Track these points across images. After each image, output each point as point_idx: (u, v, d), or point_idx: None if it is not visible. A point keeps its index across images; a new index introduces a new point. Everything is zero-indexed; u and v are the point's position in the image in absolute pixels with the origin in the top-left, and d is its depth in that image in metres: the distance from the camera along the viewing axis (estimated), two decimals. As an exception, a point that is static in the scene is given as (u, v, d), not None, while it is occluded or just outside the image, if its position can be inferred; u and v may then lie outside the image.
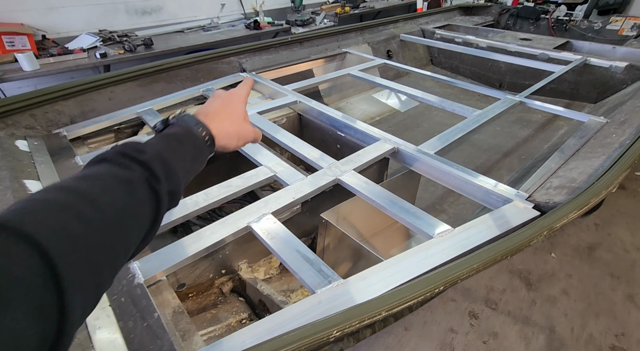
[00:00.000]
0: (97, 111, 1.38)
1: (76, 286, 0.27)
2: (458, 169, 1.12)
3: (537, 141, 1.97)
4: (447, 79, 1.99)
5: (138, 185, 0.37)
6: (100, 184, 0.35)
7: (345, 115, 1.48)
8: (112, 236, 0.33)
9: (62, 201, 0.31)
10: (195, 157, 0.47)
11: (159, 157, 0.41)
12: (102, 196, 0.33)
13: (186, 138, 0.46)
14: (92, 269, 0.30)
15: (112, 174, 0.36)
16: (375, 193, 1.00)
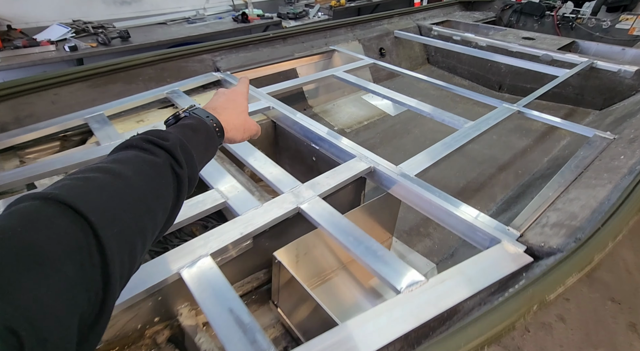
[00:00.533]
0: (36, 116, 1.22)
1: (116, 258, 0.30)
2: (439, 197, 0.97)
3: (536, 153, 1.80)
4: (441, 83, 1.82)
5: (164, 169, 0.40)
6: (132, 167, 0.37)
7: (320, 126, 1.32)
8: (143, 215, 0.35)
9: (102, 180, 0.33)
10: (207, 146, 0.49)
11: (181, 144, 0.43)
12: (135, 177, 0.36)
13: (200, 128, 0.49)
14: (129, 244, 0.32)
15: (141, 158, 0.39)
16: (340, 227, 0.85)
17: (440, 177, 1.65)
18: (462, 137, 1.26)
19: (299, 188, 0.98)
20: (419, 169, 1.08)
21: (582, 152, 1.19)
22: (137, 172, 0.37)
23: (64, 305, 0.24)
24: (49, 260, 0.24)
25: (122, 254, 0.31)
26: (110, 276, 0.28)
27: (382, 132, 2.08)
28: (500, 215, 1.28)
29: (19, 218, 0.26)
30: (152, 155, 0.40)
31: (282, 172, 1.05)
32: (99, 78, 1.39)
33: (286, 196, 0.95)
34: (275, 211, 0.89)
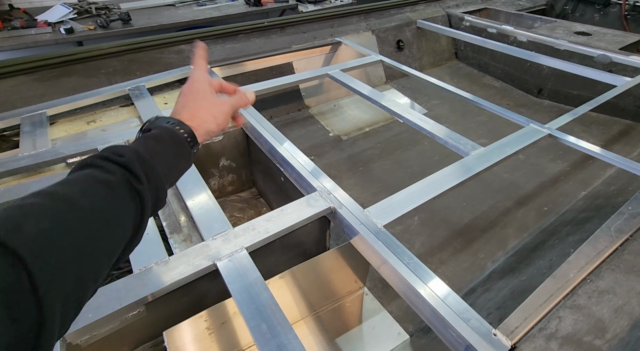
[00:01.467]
0: (-33, 115, 1.09)
1: (54, 294, 0.27)
2: (403, 262, 0.71)
3: (570, 184, 1.44)
4: (459, 92, 1.49)
5: (118, 186, 0.37)
6: (78, 187, 0.34)
7: (288, 143, 1.08)
8: (92, 240, 0.32)
9: (40, 205, 0.31)
10: (177, 154, 0.45)
11: (138, 157, 0.40)
12: (81, 198, 0.33)
13: (163, 136, 0.45)
14: (72, 276, 0.29)
15: (92, 176, 0.36)
16: (258, 303, 0.62)
17: (440, 206, 1.36)
18: (465, 171, 0.97)
19: (227, 234, 0.76)
20: (391, 217, 0.82)
21: (632, 205, 0.86)
22: (84, 193, 0.34)
23: None
24: None
25: (62, 286, 0.28)
26: (46, 320, 0.26)
27: (385, 141, 1.79)
28: (507, 275, 0.99)
29: None
30: (106, 173, 0.37)
31: (215, 208, 0.84)
32: (49, 70, 1.24)
33: (204, 246, 0.73)
34: (182, 268, 0.68)
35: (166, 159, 0.43)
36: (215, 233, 0.76)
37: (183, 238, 0.83)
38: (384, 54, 2.20)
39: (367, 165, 1.64)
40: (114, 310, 0.60)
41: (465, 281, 1.07)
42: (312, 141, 1.76)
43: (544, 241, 1.09)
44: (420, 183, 0.92)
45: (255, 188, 1.52)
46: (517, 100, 2.20)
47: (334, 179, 0.96)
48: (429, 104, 2.11)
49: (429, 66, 2.47)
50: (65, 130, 1.17)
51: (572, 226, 1.10)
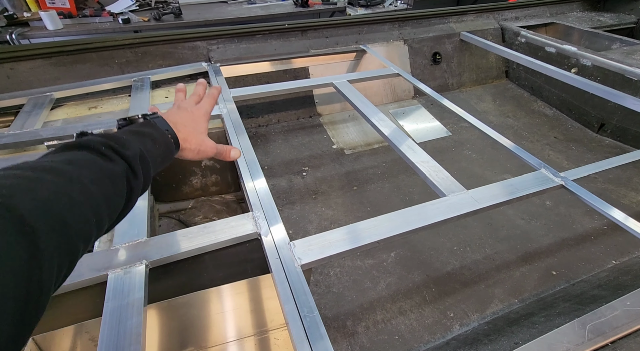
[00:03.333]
0: (-13, 90, 1.22)
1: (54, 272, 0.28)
2: (300, 316, 0.61)
3: (601, 247, 1.16)
4: (471, 120, 1.30)
5: (120, 179, 0.38)
6: (88, 173, 0.35)
7: (252, 157, 1.02)
8: (93, 225, 0.34)
9: (55, 184, 0.31)
10: (164, 159, 0.48)
11: (141, 155, 0.42)
12: (91, 185, 0.34)
13: (160, 140, 0.48)
14: (72, 253, 0.31)
15: (99, 165, 0.37)
16: (122, 329, 0.58)
17: (426, 245, 1.19)
18: (432, 215, 0.82)
19: (137, 243, 0.73)
20: (316, 256, 0.71)
21: (634, 300, 0.64)
22: (94, 180, 0.35)
23: None
24: None
25: (61, 266, 0.29)
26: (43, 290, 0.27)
27: (391, 162, 1.64)
28: (464, 348, 0.81)
29: None
30: (111, 163, 0.38)
31: (142, 212, 0.82)
32: (65, 57, 1.34)
33: (108, 252, 0.71)
34: (75, 274, 0.67)
35: (156, 162, 0.46)
36: (127, 240, 0.74)
37: (110, 238, 0.83)
38: (416, 67, 2.03)
39: (363, 185, 1.52)
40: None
41: (420, 342, 0.91)
42: (313, 151, 1.68)
43: (530, 315, 0.88)
44: (367, 222, 0.79)
45: (241, 192, 1.50)
46: (569, 133, 1.87)
47: (321, 195, 0.88)
48: (456, 127, 1.89)
49: (470, 84, 2.22)
50: (66, 113, 1.26)
51: (573, 303, 0.88)
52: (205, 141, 0.56)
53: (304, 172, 1.56)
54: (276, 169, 1.56)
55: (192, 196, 1.43)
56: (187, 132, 0.53)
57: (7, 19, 2.29)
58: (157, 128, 0.49)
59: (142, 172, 0.41)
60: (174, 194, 1.40)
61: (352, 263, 1.14)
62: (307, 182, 1.51)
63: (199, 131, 0.55)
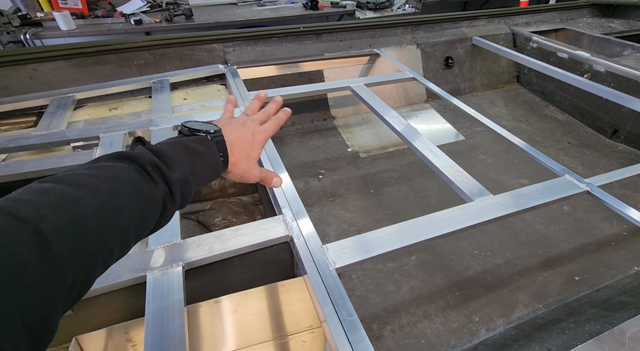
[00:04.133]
0: (10, 89, 1.23)
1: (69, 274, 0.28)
2: (339, 319, 0.61)
3: (622, 253, 1.16)
4: (490, 124, 1.31)
5: (157, 204, 0.38)
6: (127, 196, 0.34)
7: (276, 158, 1.03)
8: (117, 248, 0.34)
9: (87, 205, 0.31)
10: (207, 180, 0.47)
11: (185, 180, 0.41)
12: (126, 209, 0.34)
13: (210, 162, 0.46)
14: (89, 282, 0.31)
15: (140, 188, 0.36)
16: (165, 330, 0.58)
17: (446, 249, 1.19)
18: (461, 220, 0.82)
19: (172, 244, 0.74)
20: (349, 260, 0.72)
21: (675, 308, 0.64)
22: (130, 204, 0.34)
23: None
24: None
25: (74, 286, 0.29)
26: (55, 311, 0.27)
27: (407, 165, 1.64)
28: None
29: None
30: (153, 184, 0.37)
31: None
32: (86, 58, 1.35)
33: (144, 253, 0.71)
34: (115, 274, 0.67)
35: (200, 182, 0.45)
36: (162, 241, 0.74)
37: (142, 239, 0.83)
38: (429, 71, 2.04)
39: (379, 188, 1.52)
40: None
41: (447, 346, 0.91)
42: (328, 153, 1.69)
43: (558, 321, 0.88)
44: (399, 226, 0.80)
45: (257, 194, 1.50)
46: (582, 139, 1.88)
47: (339, 198, 0.88)
48: (470, 131, 1.90)
49: (482, 88, 2.23)
50: (88, 114, 1.26)
51: (600, 309, 0.88)
52: (252, 168, 0.52)
53: (320, 175, 1.56)
54: (292, 171, 1.56)
55: (209, 198, 1.43)
56: (240, 156, 0.50)
57: (20, 18, 2.30)
58: (213, 149, 0.46)
59: (180, 196, 0.41)
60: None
61: (374, 267, 1.14)
62: (324, 185, 1.51)
63: (252, 157, 0.52)
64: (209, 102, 1.41)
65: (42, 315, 0.26)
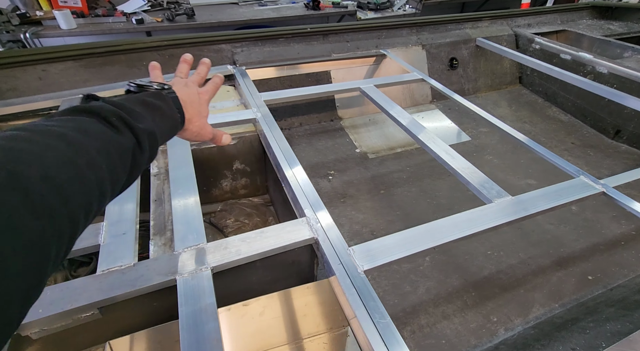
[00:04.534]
0: (19, 90, 1.20)
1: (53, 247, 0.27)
2: (373, 322, 0.61)
3: (632, 253, 1.19)
4: (501, 125, 1.32)
5: (128, 153, 0.37)
6: (98, 145, 0.34)
7: (292, 157, 1.02)
8: (95, 199, 0.33)
9: (63, 152, 0.30)
10: (168, 136, 0.48)
11: (151, 131, 0.41)
12: (101, 160, 0.33)
13: (169, 117, 0.47)
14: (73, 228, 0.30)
15: (108, 136, 0.35)
16: (200, 333, 0.58)
17: (460, 250, 1.20)
18: (479, 223, 0.83)
19: (198, 248, 0.73)
20: (376, 262, 0.72)
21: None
22: (102, 152, 0.34)
23: None
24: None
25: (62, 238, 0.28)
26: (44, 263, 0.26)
27: (415, 166, 1.65)
28: (514, 351, 0.82)
29: None
30: (119, 134, 0.36)
31: (197, 218, 0.81)
32: (95, 58, 1.33)
33: (171, 257, 0.71)
34: (142, 278, 0.66)
35: (163, 137, 0.46)
36: (188, 244, 0.73)
37: (164, 242, 0.82)
38: (434, 72, 2.05)
39: (389, 189, 1.53)
40: (64, 309, 0.60)
41: (467, 346, 0.92)
42: (337, 154, 1.69)
43: (576, 320, 0.89)
44: (421, 228, 0.80)
45: (268, 195, 1.49)
46: (585, 139, 1.90)
47: (349, 199, 0.88)
48: (475, 131, 1.92)
49: (485, 89, 2.25)
50: (98, 116, 1.25)
51: (617, 308, 0.89)
52: (205, 124, 0.56)
53: (330, 175, 1.56)
54: (302, 172, 1.56)
55: (221, 199, 1.42)
56: (193, 113, 0.52)
57: (19, 17, 2.26)
58: (170, 104, 0.48)
59: (148, 147, 0.40)
60: (203, 197, 1.39)
61: (389, 267, 1.15)
62: (335, 185, 1.51)
63: (203, 114, 0.55)
64: (220, 103, 1.41)
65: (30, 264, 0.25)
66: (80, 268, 1.03)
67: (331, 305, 0.85)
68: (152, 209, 0.91)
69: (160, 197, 0.95)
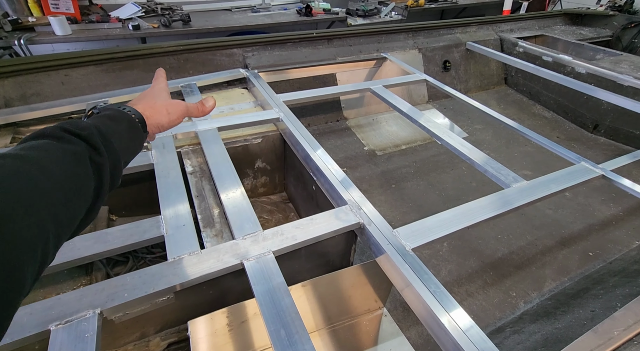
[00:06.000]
0: (43, 95, 1.20)
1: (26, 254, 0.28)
2: (430, 291, 0.68)
3: (623, 231, 1.33)
4: (505, 120, 1.44)
5: (83, 158, 0.37)
6: (48, 155, 0.34)
7: (323, 153, 1.09)
8: (60, 207, 0.33)
9: (10, 166, 0.31)
10: (131, 136, 0.47)
11: (99, 131, 0.41)
12: (54, 166, 0.34)
13: (118, 117, 0.47)
14: (43, 235, 0.30)
15: (58, 147, 0.36)
16: (279, 308, 0.63)
17: (473, 235, 1.30)
18: (504, 203, 0.92)
19: (256, 235, 0.78)
20: (420, 241, 0.79)
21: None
22: (54, 160, 0.34)
23: None
24: None
25: (34, 247, 0.28)
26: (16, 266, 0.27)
27: (421, 161, 1.75)
28: (541, 319, 0.92)
29: None
30: (70, 144, 0.37)
31: (247, 209, 0.86)
32: (115, 63, 1.35)
33: (234, 244, 0.75)
34: (211, 263, 0.70)
35: (121, 138, 0.44)
36: (246, 233, 0.78)
37: (215, 233, 0.86)
38: (429, 73, 2.18)
39: (399, 183, 1.61)
40: (147, 293, 0.63)
41: (493, 319, 1.01)
42: (347, 152, 1.77)
43: (587, 289, 1.00)
44: (455, 210, 0.89)
45: (285, 193, 1.54)
46: (568, 134, 2.08)
47: (364, 193, 0.95)
48: (470, 128, 2.05)
49: (475, 89, 2.40)
50: (121, 118, 1.26)
51: (621, 277, 1.01)
52: (169, 100, 0.56)
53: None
54: (316, 170, 1.62)
55: (241, 198, 1.46)
56: (147, 103, 0.53)
57: (11, 23, 2.21)
58: (111, 109, 0.48)
59: (105, 148, 0.40)
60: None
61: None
62: (349, 182, 1.58)
63: (161, 97, 0.55)
64: (237, 105, 1.45)
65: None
66: (117, 266, 1.04)
67: (365, 289, 0.91)
68: (196, 204, 0.94)
69: (201, 193, 0.98)
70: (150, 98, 0.55)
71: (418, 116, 1.36)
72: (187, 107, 0.58)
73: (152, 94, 0.57)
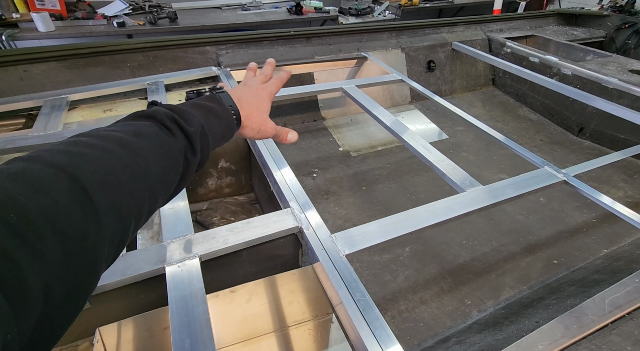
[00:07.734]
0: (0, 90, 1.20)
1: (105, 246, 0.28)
2: (354, 300, 0.66)
3: (592, 238, 1.28)
4: (475, 122, 1.40)
5: (179, 155, 0.38)
6: (151, 146, 0.35)
7: (278, 155, 1.07)
8: (146, 200, 0.34)
9: (119, 155, 0.32)
10: (224, 135, 0.48)
11: (202, 131, 0.42)
12: (152, 160, 0.35)
13: (223, 116, 0.47)
14: (125, 230, 0.31)
15: (161, 139, 0.37)
16: (191, 316, 0.61)
17: (437, 239, 1.27)
18: (453, 209, 0.89)
19: (185, 238, 0.76)
20: (357, 247, 0.77)
21: (641, 278, 0.74)
22: (155, 154, 0.35)
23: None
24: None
25: (113, 241, 0.29)
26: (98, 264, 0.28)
27: (395, 163, 1.72)
28: (487, 330, 0.89)
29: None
30: (172, 137, 0.38)
31: (184, 210, 0.84)
32: (79, 59, 1.34)
33: (160, 247, 0.74)
34: (133, 267, 0.69)
35: (217, 137, 0.46)
36: (176, 235, 0.76)
37: (151, 235, 0.84)
38: (413, 74, 2.14)
39: (371, 185, 1.59)
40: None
41: (443, 327, 0.98)
42: (320, 153, 1.74)
43: (541, 299, 0.97)
44: (400, 215, 0.86)
45: (253, 193, 1.53)
46: (553, 137, 2.03)
47: (332, 195, 0.93)
48: (452, 130, 2.01)
49: (461, 90, 2.36)
50: (82, 116, 1.25)
51: (578, 286, 0.97)
52: (266, 121, 0.54)
53: (314, 173, 1.61)
54: (287, 170, 1.60)
55: (206, 198, 1.45)
56: (250, 109, 0.52)
57: (-5, 19, 2.22)
58: (222, 103, 0.48)
59: (200, 148, 0.41)
60: (189, 195, 1.41)
61: (371, 258, 1.20)
62: (318, 183, 1.56)
63: (262, 110, 0.53)
64: (204, 103, 1.43)
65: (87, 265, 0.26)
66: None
67: (316, 292, 0.89)
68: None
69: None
70: (257, 109, 0.52)
71: (387, 118, 1.33)
72: (273, 136, 0.56)
73: (260, 105, 0.53)
